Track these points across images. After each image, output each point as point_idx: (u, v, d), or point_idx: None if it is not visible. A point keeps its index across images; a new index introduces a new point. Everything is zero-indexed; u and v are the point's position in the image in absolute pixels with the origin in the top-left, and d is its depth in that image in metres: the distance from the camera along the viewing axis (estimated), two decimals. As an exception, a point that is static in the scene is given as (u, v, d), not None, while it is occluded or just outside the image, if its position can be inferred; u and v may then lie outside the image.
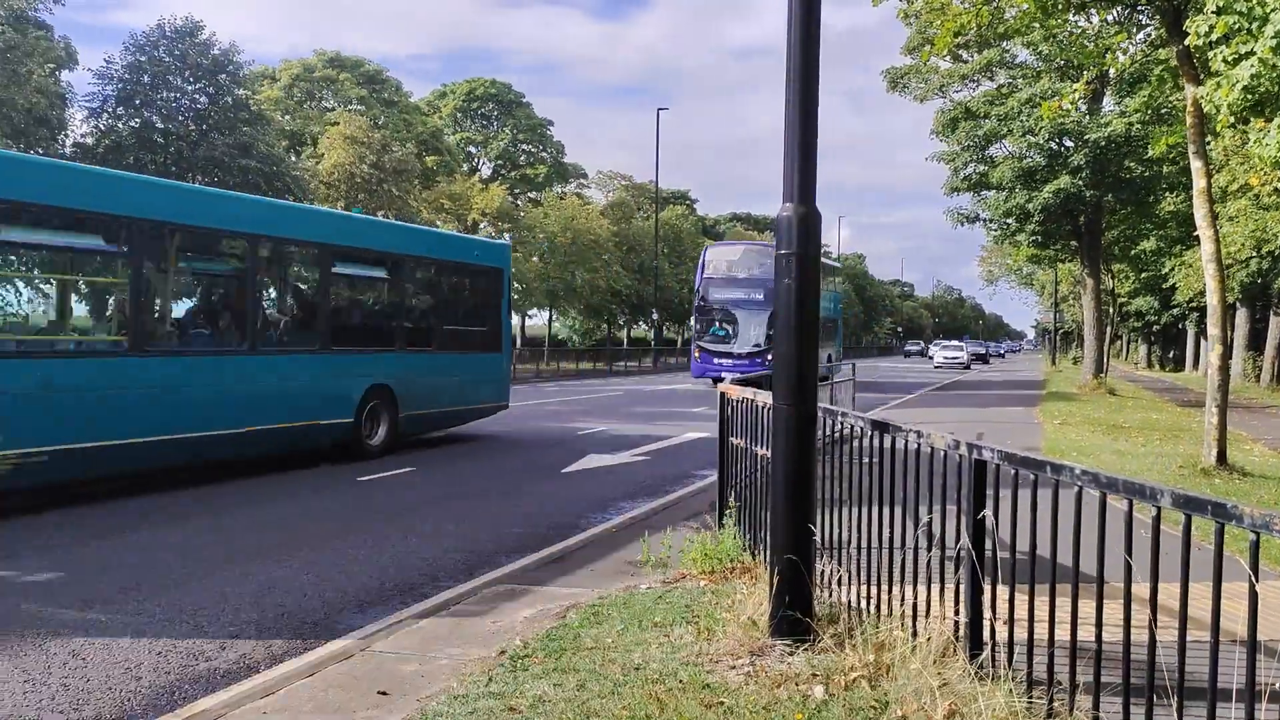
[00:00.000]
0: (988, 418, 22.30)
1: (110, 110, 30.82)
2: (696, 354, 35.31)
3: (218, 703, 4.59)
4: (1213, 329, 13.07)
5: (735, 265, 35.65)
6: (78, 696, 4.84)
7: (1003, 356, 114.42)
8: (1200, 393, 33.70)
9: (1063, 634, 3.76)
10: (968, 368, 63.67)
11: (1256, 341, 45.41)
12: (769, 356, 30.88)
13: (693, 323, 37.77)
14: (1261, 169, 19.49)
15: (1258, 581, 2.89)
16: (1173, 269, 41.23)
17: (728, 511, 7.41)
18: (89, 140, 31.30)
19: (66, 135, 30.75)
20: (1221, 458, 12.81)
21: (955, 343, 75.28)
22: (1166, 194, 31.67)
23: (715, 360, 33.84)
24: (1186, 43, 11.86)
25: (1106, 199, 32.16)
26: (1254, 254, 32.31)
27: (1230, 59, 10.44)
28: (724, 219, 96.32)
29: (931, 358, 67.63)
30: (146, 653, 5.49)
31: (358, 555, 7.99)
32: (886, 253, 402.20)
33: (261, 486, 11.43)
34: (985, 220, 36.54)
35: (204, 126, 31.25)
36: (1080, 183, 30.44)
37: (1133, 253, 41.37)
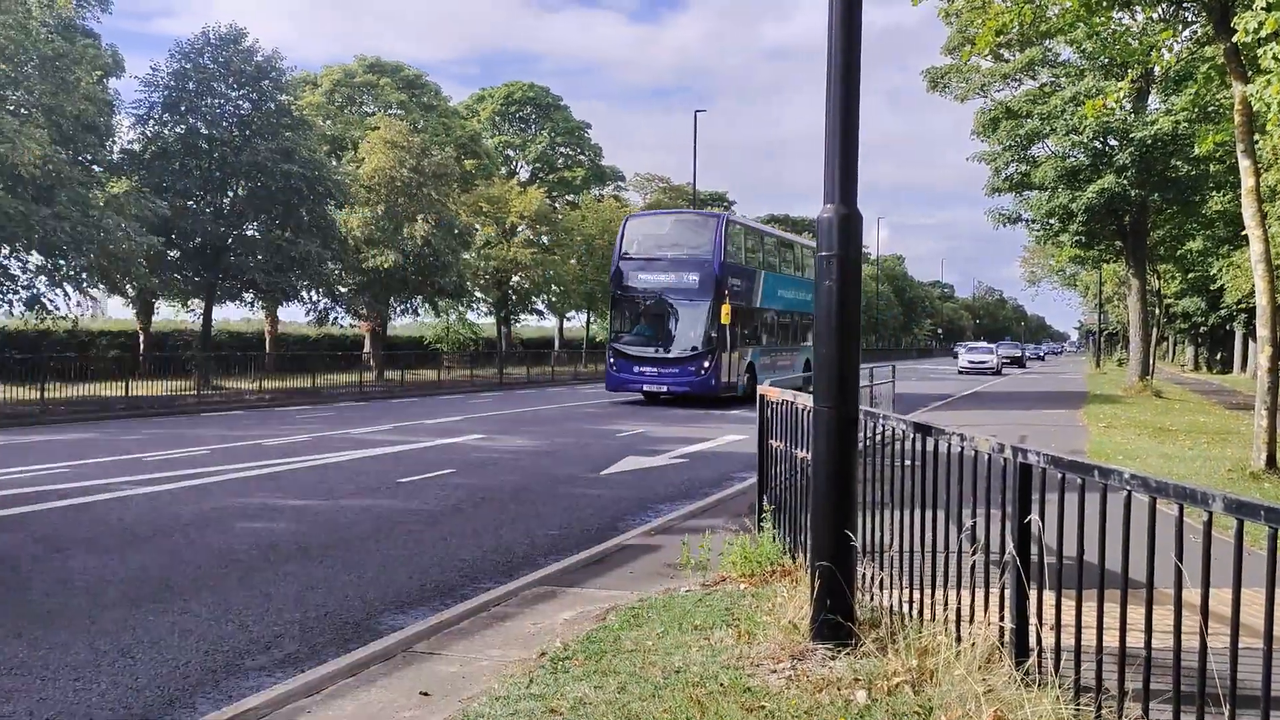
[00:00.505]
0: (1031, 420, 22.03)
1: (156, 117, 31.24)
2: (612, 360, 26.94)
3: (263, 701, 4.63)
4: (1262, 330, 12.83)
5: (663, 242, 27.26)
6: (127, 694, 4.92)
7: (1042, 359, 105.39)
8: (1248, 395, 33.05)
9: (1111, 640, 3.70)
10: (998, 373, 57.95)
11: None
12: (707, 364, 25.81)
13: (609, 319, 29.37)
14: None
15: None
16: (1221, 269, 40.54)
17: (766, 514, 7.37)
18: (136, 146, 31.79)
19: (114, 141, 31.27)
20: (1271, 461, 12.56)
21: (984, 345, 67.23)
22: (1213, 193, 31.15)
23: (636, 369, 26.29)
24: (1235, 39, 11.65)
25: (1152, 198, 31.70)
26: (1304, 254, 31.67)
27: (1280, 55, 10.24)
28: (761, 220, 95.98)
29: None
30: (194, 651, 5.57)
31: (397, 556, 8.05)
32: (926, 254, 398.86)
33: (300, 487, 11.54)
34: (1027, 221, 36.16)
35: (247, 132, 31.58)
36: (1125, 182, 30.04)
37: (1179, 253, 40.74)
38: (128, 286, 29.23)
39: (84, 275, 26.33)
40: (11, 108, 24.45)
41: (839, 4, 4.92)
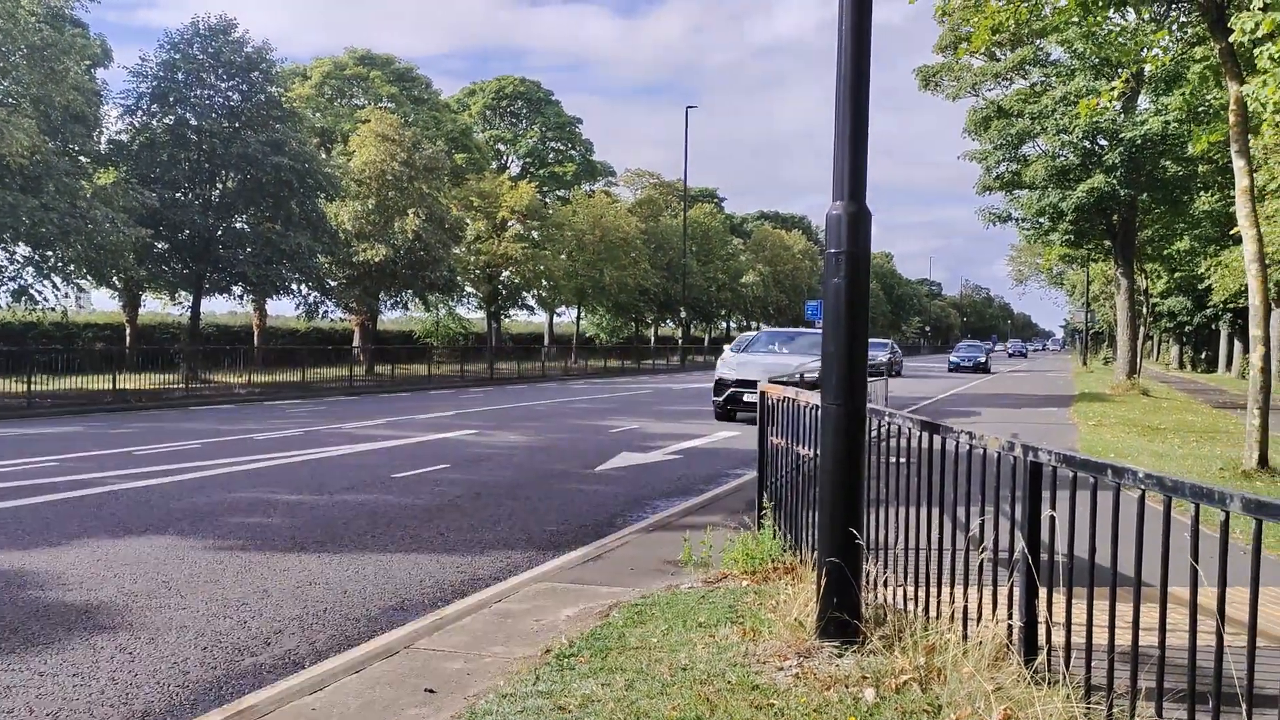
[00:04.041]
0: (1020, 419, 22.10)
1: (145, 107, 31.01)
2: None
3: (265, 699, 4.59)
4: (1254, 330, 12.88)
5: None
6: (127, 690, 4.87)
7: (983, 368, 58.85)
8: (1234, 394, 33.24)
9: (1123, 640, 3.70)
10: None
11: (1293, 343, 44.75)
12: None
13: None
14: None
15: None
16: (1207, 269, 40.72)
17: (766, 510, 7.36)
18: (124, 137, 31.56)
19: (101, 132, 31.04)
20: (1264, 460, 12.62)
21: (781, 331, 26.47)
22: (1201, 193, 31.30)
23: None
24: (1231, 40, 11.69)
25: (1141, 198, 31.84)
26: (1291, 254, 31.81)
27: (1277, 56, 10.28)
28: (751, 217, 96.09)
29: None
30: (192, 647, 5.52)
31: (395, 552, 8.01)
32: (915, 252, 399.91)
33: (293, 481, 11.48)
34: (1018, 219, 36.28)
35: (237, 124, 31.38)
36: (1114, 181, 30.15)
37: (1166, 252, 40.91)
38: (115, 279, 29.04)
39: (71, 267, 26.15)
40: (-1, 97, 24.25)
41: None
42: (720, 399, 19.78)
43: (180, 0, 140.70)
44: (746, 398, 18.48)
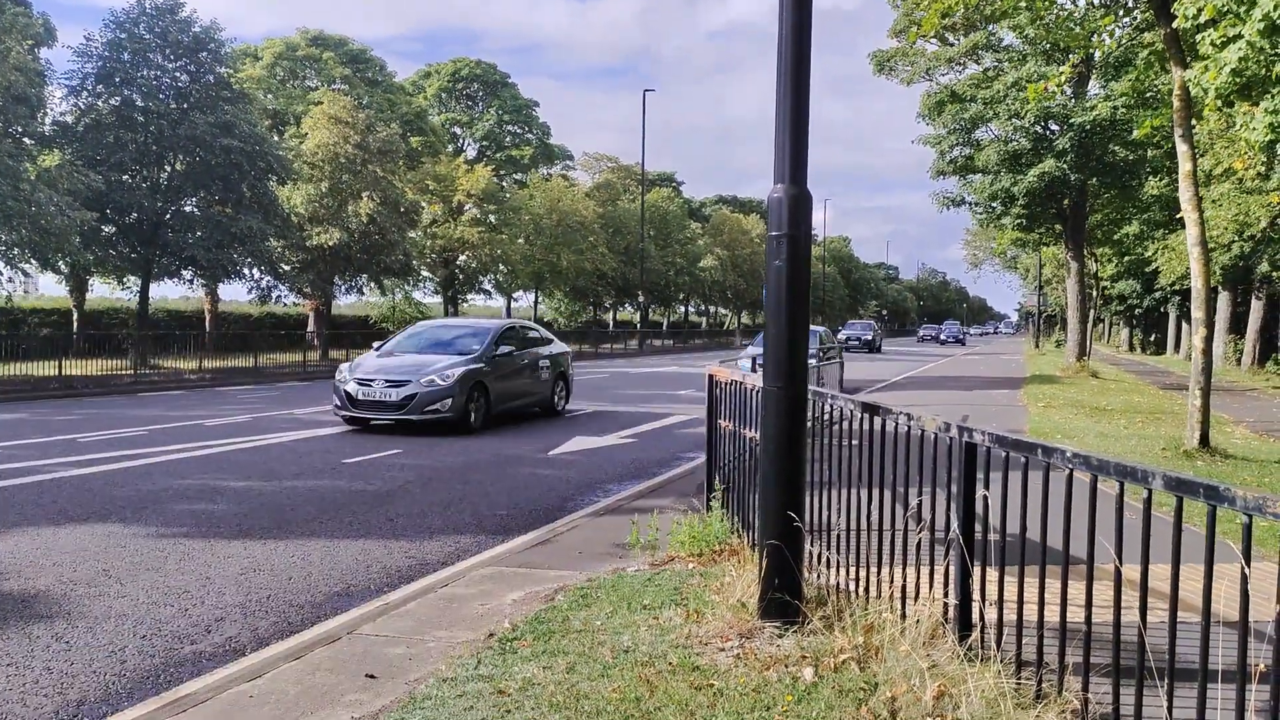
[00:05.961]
0: (973, 400, 22.36)
1: (90, 88, 30.36)
2: None
3: (203, 686, 4.55)
4: (1197, 312, 13.12)
5: None
6: (62, 680, 4.80)
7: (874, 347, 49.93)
8: (1181, 376, 33.89)
9: (1052, 616, 3.77)
10: None
11: (1238, 325, 45.67)
12: None
13: None
14: (1246, 153, 19.55)
15: (1249, 565, 2.89)
16: (1155, 252, 41.36)
17: (715, 493, 7.40)
18: (68, 119, 30.89)
19: (46, 113, 30.35)
20: (1204, 440, 12.88)
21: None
22: (1150, 178, 31.76)
23: None
24: (1174, 25, 11.85)
25: (1091, 182, 32.25)
26: (1236, 238, 32.42)
27: (1218, 42, 10.44)
28: (709, 201, 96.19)
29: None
30: (130, 635, 5.44)
31: (342, 538, 7.95)
32: (871, 236, 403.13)
33: (242, 468, 11.35)
34: (971, 203, 36.60)
35: (185, 105, 30.83)
36: (1065, 166, 30.52)
37: (1116, 236, 41.50)
38: (60, 263, 28.47)
39: (15, 251, 25.60)
40: (-63, 77, 23.62)
41: (790, -18, 4.90)
42: None
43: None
44: None
